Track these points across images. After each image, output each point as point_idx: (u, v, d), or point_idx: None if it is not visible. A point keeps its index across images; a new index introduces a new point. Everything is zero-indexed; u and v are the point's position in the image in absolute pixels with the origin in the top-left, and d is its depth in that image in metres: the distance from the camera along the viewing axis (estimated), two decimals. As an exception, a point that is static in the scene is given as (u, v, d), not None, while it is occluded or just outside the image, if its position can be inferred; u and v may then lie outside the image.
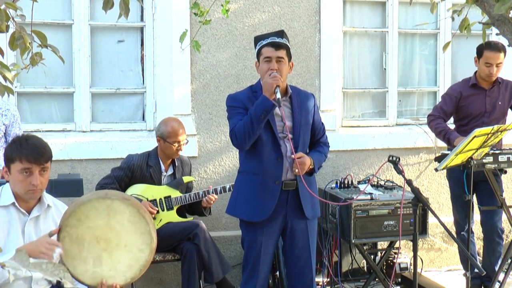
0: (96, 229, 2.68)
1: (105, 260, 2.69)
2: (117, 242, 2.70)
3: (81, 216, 2.68)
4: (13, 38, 2.33)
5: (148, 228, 2.71)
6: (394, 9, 5.53)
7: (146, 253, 2.73)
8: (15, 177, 2.87)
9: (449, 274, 5.43)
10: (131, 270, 2.73)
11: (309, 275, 3.66)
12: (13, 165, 2.86)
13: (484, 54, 4.57)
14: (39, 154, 2.85)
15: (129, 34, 5.05)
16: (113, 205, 2.69)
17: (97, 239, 2.68)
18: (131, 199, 2.75)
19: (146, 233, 2.71)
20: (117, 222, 2.69)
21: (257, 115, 3.39)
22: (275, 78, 3.42)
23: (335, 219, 4.52)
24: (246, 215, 3.60)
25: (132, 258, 2.72)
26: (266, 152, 3.52)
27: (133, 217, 2.70)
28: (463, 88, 4.72)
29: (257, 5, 5.09)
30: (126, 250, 2.71)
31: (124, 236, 2.70)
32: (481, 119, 4.65)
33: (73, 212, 2.68)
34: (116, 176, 4.32)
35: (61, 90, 4.90)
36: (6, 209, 2.91)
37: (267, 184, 3.52)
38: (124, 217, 2.70)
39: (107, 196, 2.72)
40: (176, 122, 4.43)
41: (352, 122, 5.52)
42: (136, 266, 2.73)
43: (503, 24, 3.01)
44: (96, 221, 2.68)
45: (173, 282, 4.95)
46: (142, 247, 2.72)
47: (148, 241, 2.72)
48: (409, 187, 3.34)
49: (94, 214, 2.68)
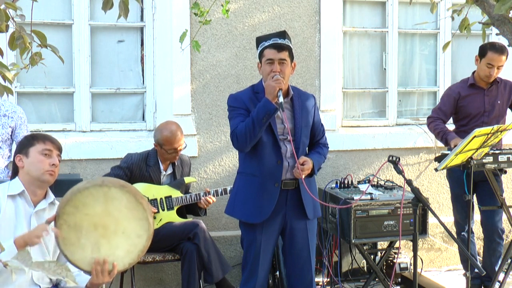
0: (94, 216, 2.69)
1: (104, 246, 2.71)
2: (115, 228, 2.71)
3: (78, 204, 2.68)
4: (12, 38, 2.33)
5: (145, 215, 2.72)
6: (394, 9, 5.53)
7: (144, 239, 2.74)
8: (35, 158, 3.00)
9: (449, 274, 5.43)
10: (129, 256, 2.75)
11: (308, 275, 3.66)
12: (33, 148, 3.01)
13: (488, 55, 4.56)
14: (57, 141, 3.12)
15: (129, 34, 5.05)
16: (110, 192, 2.70)
17: (95, 225, 2.69)
18: (128, 186, 2.76)
19: (144, 219, 2.72)
20: (115, 208, 2.70)
21: (259, 118, 3.38)
22: (277, 81, 3.40)
23: (335, 219, 4.52)
24: (244, 216, 3.59)
25: (131, 244, 2.73)
26: (266, 154, 3.52)
27: (130, 203, 2.71)
28: (461, 89, 4.72)
29: (257, 5, 5.09)
30: (124, 236, 2.72)
31: (122, 222, 2.71)
32: (481, 119, 4.65)
33: (69, 200, 2.69)
34: (116, 174, 4.32)
35: (61, 90, 4.90)
36: (13, 200, 2.97)
37: (265, 186, 3.52)
38: (121, 203, 2.71)
39: (104, 183, 2.72)
40: (173, 128, 4.37)
41: (352, 122, 5.52)
42: (134, 251, 2.75)
43: (503, 24, 3.01)
44: (94, 208, 2.69)
45: (173, 282, 4.95)
46: (140, 233, 2.73)
47: (145, 227, 2.73)
48: (409, 187, 3.34)
49: (92, 201, 2.69)
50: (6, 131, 4.07)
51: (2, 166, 4.10)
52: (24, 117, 4.20)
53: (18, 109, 4.18)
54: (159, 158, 4.43)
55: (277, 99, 3.39)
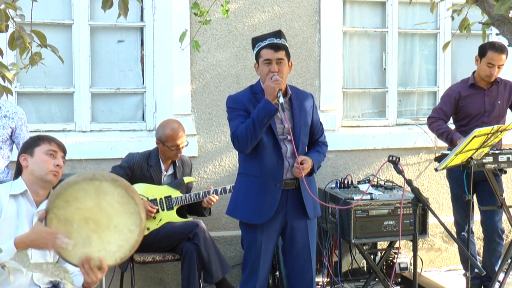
0: (85, 210, 2.65)
1: (95, 241, 2.67)
2: (107, 223, 2.67)
3: (69, 198, 2.65)
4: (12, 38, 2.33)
5: (137, 209, 2.68)
6: (394, 9, 5.53)
7: (136, 233, 2.70)
8: (40, 158, 3.02)
9: (449, 274, 5.43)
10: (120, 251, 2.71)
11: (308, 274, 3.66)
12: (38, 148, 3.04)
13: (488, 55, 4.57)
14: (63, 144, 3.17)
15: (129, 34, 5.05)
16: (101, 186, 2.66)
17: (86, 220, 2.65)
18: (120, 180, 2.71)
19: (136, 213, 2.69)
20: (107, 203, 2.66)
21: (259, 119, 3.38)
22: (277, 81, 3.41)
23: (335, 219, 4.52)
24: (246, 217, 3.59)
25: (123, 239, 2.70)
26: (267, 154, 3.52)
27: (121, 197, 2.67)
28: (461, 89, 4.72)
29: (257, 5, 5.09)
30: (116, 231, 2.69)
31: (113, 217, 2.67)
32: (481, 119, 4.65)
33: (60, 194, 2.65)
34: (116, 174, 4.31)
35: (61, 90, 4.90)
36: (15, 199, 2.96)
37: (267, 187, 3.52)
38: (113, 198, 2.67)
39: (95, 177, 2.68)
40: (175, 125, 4.40)
41: (352, 122, 5.52)
42: (126, 246, 2.71)
43: (503, 24, 3.01)
44: (85, 202, 2.65)
45: (173, 282, 4.95)
46: (132, 227, 2.69)
47: (137, 222, 2.70)
48: (409, 187, 3.34)
49: (83, 195, 2.65)
50: (7, 131, 4.07)
51: (2, 166, 4.10)
52: (25, 118, 4.20)
53: (18, 109, 4.18)
54: (160, 158, 4.43)
55: (277, 99, 3.39)
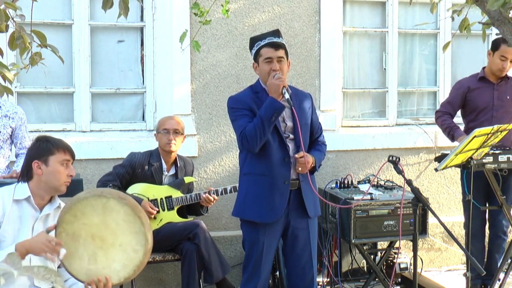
0: (91, 226, 2.67)
1: (100, 258, 2.68)
2: (112, 240, 2.68)
3: (77, 213, 2.67)
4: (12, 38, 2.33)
5: (142, 229, 2.68)
6: (394, 9, 5.53)
7: (140, 254, 2.69)
8: (55, 168, 2.97)
9: (449, 274, 5.43)
10: (125, 270, 2.70)
11: (310, 274, 3.66)
12: (53, 157, 2.97)
13: (501, 48, 4.60)
14: (73, 150, 3.09)
15: (129, 34, 5.05)
16: (108, 203, 2.68)
17: (92, 236, 2.67)
18: (127, 198, 2.72)
19: (141, 233, 2.68)
20: (113, 220, 2.68)
21: (268, 116, 3.39)
22: (280, 79, 3.44)
23: (335, 219, 4.52)
24: (256, 216, 3.56)
25: (127, 258, 2.70)
26: (273, 153, 3.52)
27: (127, 216, 2.68)
28: (471, 82, 4.75)
29: (257, 5, 5.09)
30: (121, 249, 2.69)
31: (119, 235, 2.68)
32: (490, 113, 4.66)
33: (69, 209, 2.68)
34: (118, 173, 4.33)
35: (61, 90, 4.90)
36: (18, 204, 2.96)
37: (276, 185, 3.52)
38: (119, 216, 2.68)
39: (102, 194, 2.71)
40: (170, 116, 4.54)
41: (352, 122, 5.52)
42: (130, 266, 2.70)
43: (503, 24, 3.01)
44: (91, 218, 2.67)
45: (173, 282, 4.95)
46: (137, 247, 2.69)
47: (142, 242, 2.68)
48: (409, 187, 3.34)
49: (90, 211, 2.67)
50: (7, 131, 4.08)
51: (3, 166, 4.10)
52: (24, 118, 4.21)
53: (19, 109, 4.19)
54: (162, 157, 4.43)
55: (283, 96, 3.42)
